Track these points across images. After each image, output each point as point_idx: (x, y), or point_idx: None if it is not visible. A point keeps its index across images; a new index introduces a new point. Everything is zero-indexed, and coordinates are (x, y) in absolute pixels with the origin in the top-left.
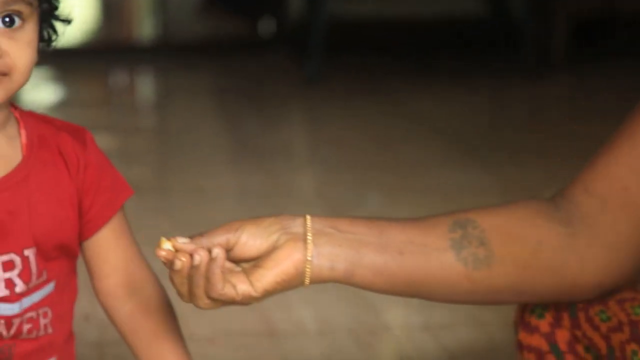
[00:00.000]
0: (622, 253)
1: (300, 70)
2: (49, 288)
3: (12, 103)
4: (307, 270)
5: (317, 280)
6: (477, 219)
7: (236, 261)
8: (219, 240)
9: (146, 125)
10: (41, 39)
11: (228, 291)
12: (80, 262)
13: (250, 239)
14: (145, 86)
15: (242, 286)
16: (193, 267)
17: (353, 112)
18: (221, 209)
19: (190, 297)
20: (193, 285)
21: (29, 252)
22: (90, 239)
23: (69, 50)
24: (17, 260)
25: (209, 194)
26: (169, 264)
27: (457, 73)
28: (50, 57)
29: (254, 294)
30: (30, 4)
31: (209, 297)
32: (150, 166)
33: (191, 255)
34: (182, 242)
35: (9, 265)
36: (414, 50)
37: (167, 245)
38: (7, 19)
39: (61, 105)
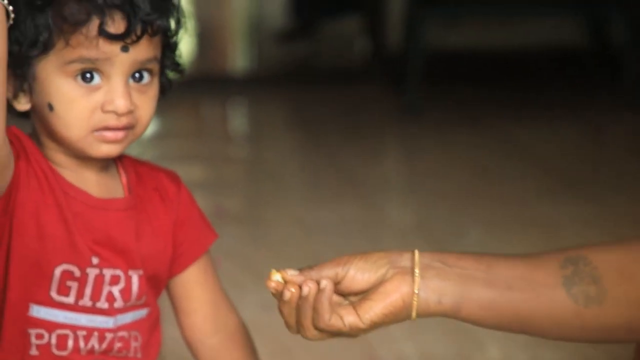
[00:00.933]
0: None
1: (396, 101)
2: (142, 313)
3: None
4: (415, 303)
5: (425, 314)
6: (589, 255)
7: (344, 294)
8: (327, 273)
9: (241, 156)
10: (160, 90)
11: (335, 322)
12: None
13: (359, 273)
14: (239, 117)
15: (349, 317)
16: (301, 298)
17: (450, 143)
18: (319, 241)
19: (297, 328)
20: (301, 316)
21: (133, 273)
22: (179, 275)
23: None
24: (122, 277)
25: (306, 225)
26: (278, 295)
27: (556, 103)
28: None
29: (361, 325)
30: (159, 62)
31: (317, 328)
32: (246, 197)
33: (300, 287)
34: (291, 274)
35: (114, 280)
36: (512, 81)
37: (277, 276)
38: (137, 75)
39: (157, 137)
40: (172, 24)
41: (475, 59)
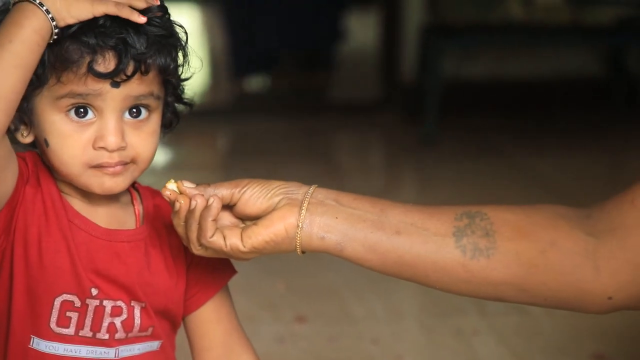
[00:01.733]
0: None
1: (413, 131)
2: (153, 345)
3: None
4: (298, 235)
5: (308, 248)
6: (489, 212)
7: (240, 217)
8: (223, 192)
9: None
10: (163, 124)
11: (217, 240)
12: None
13: (253, 198)
14: (254, 146)
15: (232, 239)
16: (189, 211)
17: (467, 173)
18: (337, 272)
19: (186, 240)
20: (188, 229)
21: (136, 304)
22: (193, 313)
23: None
24: (124, 308)
25: (321, 257)
26: (171, 203)
27: (574, 133)
28: None
29: (241, 248)
30: (158, 98)
31: (200, 244)
32: None
33: (190, 200)
34: (187, 186)
35: (116, 311)
36: (529, 110)
37: (172, 185)
38: (134, 111)
39: (173, 168)
40: (170, 62)
41: (491, 89)
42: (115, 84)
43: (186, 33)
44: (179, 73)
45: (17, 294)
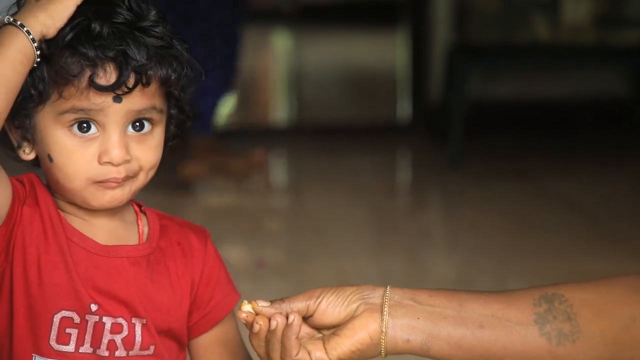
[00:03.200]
0: None
1: (438, 153)
2: None
3: (135, 201)
4: (382, 341)
5: (393, 352)
6: (565, 293)
7: (316, 328)
8: (299, 306)
9: (282, 207)
10: (167, 138)
11: (303, 357)
12: None
13: (330, 307)
14: (280, 168)
15: (317, 353)
16: (270, 332)
17: (493, 195)
18: None
19: (267, 359)
20: (270, 349)
21: (137, 322)
22: (197, 338)
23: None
24: (125, 325)
25: (348, 277)
26: (249, 326)
27: (599, 154)
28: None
29: None
30: (161, 111)
31: None
32: (287, 249)
33: (269, 320)
34: (262, 305)
35: (116, 328)
36: (555, 132)
37: (247, 307)
38: (137, 124)
39: (196, 189)
40: (171, 73)
41: (517, 110)
42: (118, 99)
43: (186, 44)
44: (181, 85)
45: (17, 313)
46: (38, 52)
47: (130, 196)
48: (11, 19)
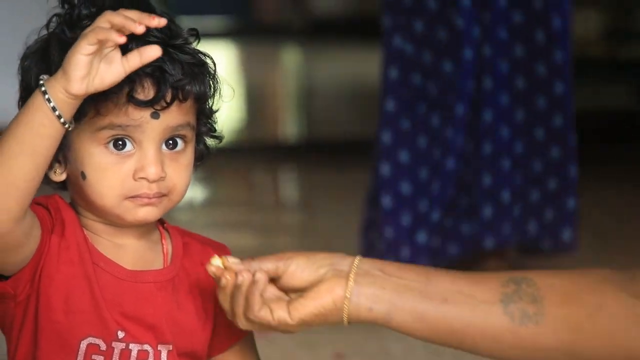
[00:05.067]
0: None
1: None
2: None
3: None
4: (345, 307)
5: (356, 320)
6: (534, 277)
7: (284, 290)
8: (268, 266)
9: (292, 223)
10: (196, 157)
11: (264, 314)
12: None
13: (299, 270)
14: (290, 185)
15: (279, 312)
16: (235, 287)
17: None
18: None
19: (231, 315)
20: (234, 304)
21: (163, 348)
22: (216, 357)
23: (213, 150)
24: (151, 352)
25: None
26: (217, 280)
27: (609, 168)
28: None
29: (289, 321)
30: (193, 128)
31: (247, 318)
32: None
33: (236, 275)
34: (232, 261)
35: (143, 355)
36: None
37: (217, 262)
38: (170, 142)
39: (208, 205)
40: (205, 89)
41: None
42: (156, 115)
43: (214, 62)
44: (212, 103)
45: (42, 340)
46: (58, 114)
47: (163, 213)
48: (42, 80)
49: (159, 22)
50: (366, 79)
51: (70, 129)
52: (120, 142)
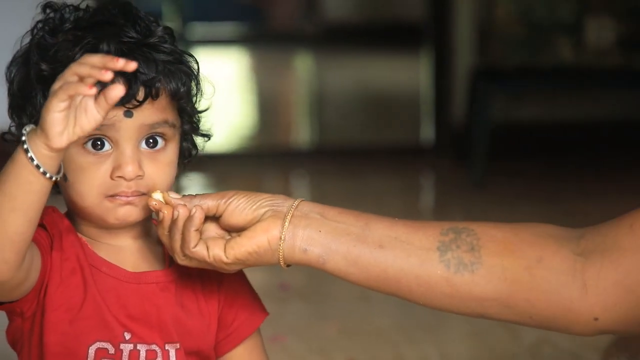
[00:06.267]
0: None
1: (462, 176)
2: None
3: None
4: (280, 248)
5: (290, 261)
6: (476, 228)
7: (226, 229)
8: (208, 203)
9: None
10: (182, 155)
11: (200, 250)
12: None
13: (239, 209)
14: (302, 191)
15: (215, 250)
16: (172, 221)
17: (517, 217)
18: (390, 315)
19: (170, 250)
20: (171, 238)
21: (170, 347)
22: (222, 357)
23: (226, 156)
24: (159, 352)
25: (371, 300)
26: (156, 214)
27: (624, 177)
28: (208, 163)
29: (224, 259)
30: (173, 126)
31: (184, 254)
32: (310, 272)
33: (173, 210)
34: (173, 196)
35: (151, 355)
36: (579, 154)
37: (158, 195)
38: (150, 141)
39: None
40: (180, 87)
41: (541, 132)
42: (129, 114)
43: (197, 62)
44: (194, 101)
45: (49, 355)
46: (43, 170)
47: (146, 215)
48: (24, 132)
49: (124, 64)
50: (378, 86)
51: (58, 179)
52: (99, 142)
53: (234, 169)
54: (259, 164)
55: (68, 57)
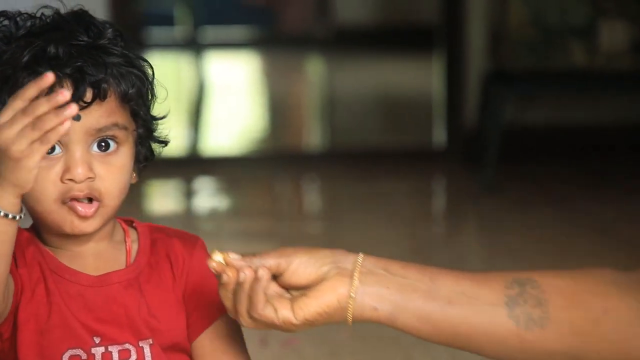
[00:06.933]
0: None
1: (474, 179)
2: None
3: (125, 218)
4: (350, 306)
5: (360, 319)
6: (539, 279)
7: (286, 287)
8: (270, 262)
9: (316, 233)
10: (137, 159)
11: (269, 313)
12: None
13: (301, 267)
14: (314, 194)
15: (283, 311)
16: (238, 284)
17: (529, 221)
18: None
19: (234, 313)
20: (237, 301)
21: (144, 344)
22: (194, 342)
23: (237, 160)
24: (133, 350)
25: None
26: (218, 276)
27: (637, 180)
28: (218, 167)
29: (294, 321)
30: (125, 129)
31: (250, 317)
32: None
33: (238, 272)
34: (233, 257)
35: (124, 354)
36: (591, 158)
37: (218, 257)
38: (102, 144)
39: (231, 214)
40: (129, 89)
41: (553, 136)
42: (77, 117)
43: (151, 67)
44: (147, 106)
45: None
46: (12, 216)
47: (103, 222)
48: None
49: (63, 97)
50: (390, 89)
51: (23, 216)
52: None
53: (245, 172)
54: (270, 167)
55: (16, 59)
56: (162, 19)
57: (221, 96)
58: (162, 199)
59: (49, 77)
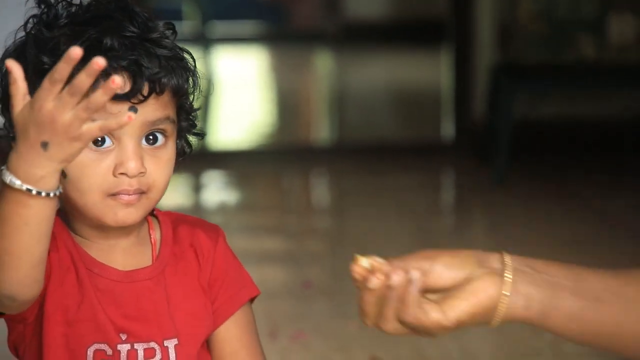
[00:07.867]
0: None
1: (483, 173)
2: None
3: None
4: (502, 305)
5: (510, 319)
6: None
7: (428, 290)
8: (414, 265)
9: (325, 227)
10: (177, 152)
11: (419, 316)
12: None
13: (446, 269)
14: (323, 188)
15: (434, 313)
16: (389, 288)
17: (538, 215)
18: None
19: (377, 318)
20: (385, 306)
21: (169, 343)
22: (214, 333)
23: (246, 154)
24: (157, 349)
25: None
26: (363, 281)
27: None
28: (227, 161)
29: (445, 323)
30: (173, 122)
31: (400, 320)
32: (332, 269)
33: (387, 276)
34: (379, 262)
35: (149, 353)
36: (601, 151)
37: (365, 263)
38: (150, 137)
39: (240, 209)
40: (183, 83)
41: (563, 129)
42: (133, 109)
43: (194, 59)
44: (192, 98)
45: (49, 354)
46: (27, 188)
47: (144, 214)
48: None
49: (118, 82)
50: (399, 84)
51: (58, 193)
52: (100, 138)
53: (254, 167)
54: (279, 161)
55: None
56: (171, 13)
57: (230, 91)
58: (171, 192)
59: (100, 62)
